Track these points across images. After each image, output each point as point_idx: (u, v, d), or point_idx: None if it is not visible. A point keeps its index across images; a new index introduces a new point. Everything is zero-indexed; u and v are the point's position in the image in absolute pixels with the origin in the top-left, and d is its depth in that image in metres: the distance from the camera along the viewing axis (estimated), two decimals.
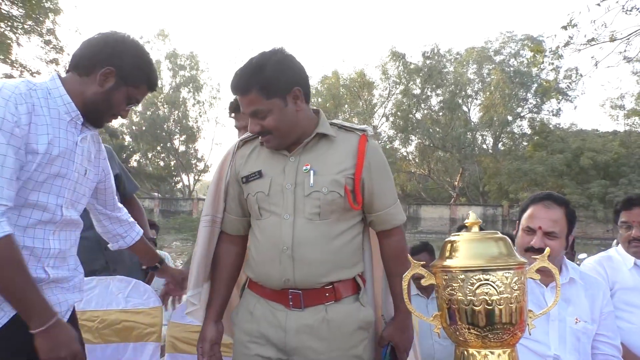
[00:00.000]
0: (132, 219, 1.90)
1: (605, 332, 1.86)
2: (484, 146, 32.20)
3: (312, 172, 1.57)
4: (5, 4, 15.11)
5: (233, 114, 2.49)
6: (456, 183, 30.77)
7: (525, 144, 30.50)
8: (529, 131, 30.66)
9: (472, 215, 1.16)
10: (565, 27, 7.99)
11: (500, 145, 31.79)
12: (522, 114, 30.89)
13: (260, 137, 1.61)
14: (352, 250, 1.63)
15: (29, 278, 1.34)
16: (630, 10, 7.35)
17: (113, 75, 1.52)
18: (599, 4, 7.36)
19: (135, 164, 33.76)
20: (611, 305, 1.93)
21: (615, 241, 5.41)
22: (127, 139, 34.42)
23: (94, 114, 1.54)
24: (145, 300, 2.18)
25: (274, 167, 1.62)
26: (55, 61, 17.36)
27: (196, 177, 36.35)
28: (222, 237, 1.77)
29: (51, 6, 15.89)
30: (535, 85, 29.32)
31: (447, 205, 27.10)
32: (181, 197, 35.43)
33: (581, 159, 24.09)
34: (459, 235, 1.14)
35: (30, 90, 1.41)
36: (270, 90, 1.50)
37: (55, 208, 1.47)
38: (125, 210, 1.88)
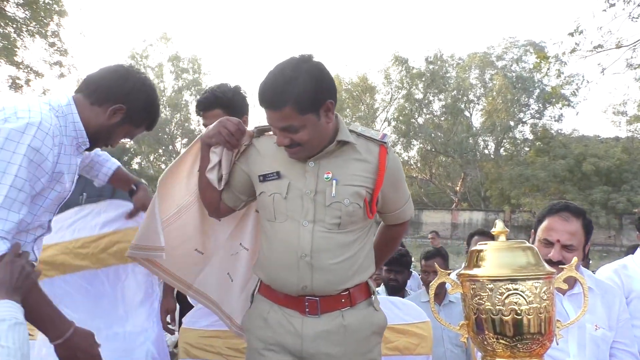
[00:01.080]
0: (101, 158, 2.01)
1: (622, 339, 1.86)
2: (486, 151, 32.16)
3: (334, 181, 1.54)
4: (10, 6, 15.17)
5: (202, 112, 2.31)
6: (458, 188, 30.73)
7: (527, 149, 30.43)
8: (531, 137, 30.61)
9: (499, 225, 1.16)
10: (572, 34, 8.01)
11: (502, 150, 31.74)
12: (524, 120, 30.86)
13: (287, 149, 1.56)
14: (365, 254, 1.64)
15: (42, 293, 1.39)
16: (637, 17, 7.36)
17: (122, 112, 1.60)
18: (605, 10, 7.38)
19: (136, 167, 33.78)
20: (627, 313, 1.93)
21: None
22: (129, 141, 34.45)
23: (92, 142, 1.62)
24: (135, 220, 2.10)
25: (292, 170, 1.60)
26: (59, 63, 17.36)
27: None
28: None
29: (56, 8, 15.91)
30: (538, 90, 29.32)
31: (449, 210, 27.03)
32: None
33: (583, 165, 24.02)
34: (486, 244, 1.14)
35: (58, 119, 1.48)
36: (305, 106, 1.45)
37: (47, 224, 1.59)
38: (93, 152, 1.95)
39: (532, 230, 1.96)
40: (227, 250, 1.89)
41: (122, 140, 1.74)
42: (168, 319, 2.52)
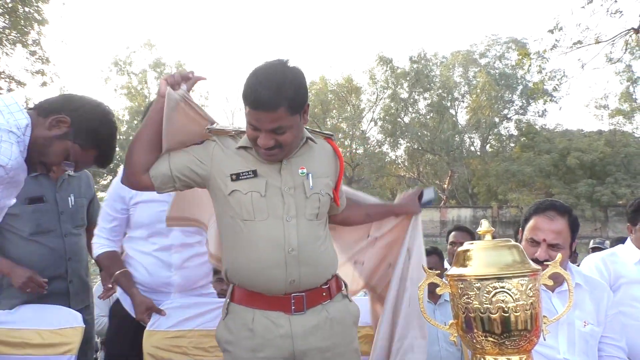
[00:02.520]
0: None
1: (610, 334, 1.89)
2: (472, 148, 32.44)
3: (309, 175, 1.62)
4: None
5: None
6: (445, 186, 30.94)
7: (512, 145, 30.78)
8: (515, 132, 30.96)
9: (484, 224, 1.18)
10: (551, 31, 8.12)
11: (488, 147, 32.05)
12: (508, 116, 31.21)
13: (261, 149, 1.55)
14: (332, 246, 1.74)
15: None
16: (615, 13, 7.49)
17: (65, 125, 1.49)
18: (583, 7, 7.50)
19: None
20: (615, 308, 1.96)
21: (608, 242, 5.47)
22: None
23: (29, 156, 1.48)
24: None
25: (266, 168, 1.61)
26: (41, 72, 17.16)
27: None
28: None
29: (37, 16, 15.72)
30: (521, 87, 29.66)
31: (437, 207, 27.20)
32: None
33: (568, 159, 24.36)
34: (472, 243, 1.16)
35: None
36: (295, 107, 1.50)
37: None
38: None
39: (519, 229, 1.99)
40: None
41: (66, 167, 1.57)
42: None
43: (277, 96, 1.46)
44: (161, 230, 2.20)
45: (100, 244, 2.29)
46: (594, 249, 5.36)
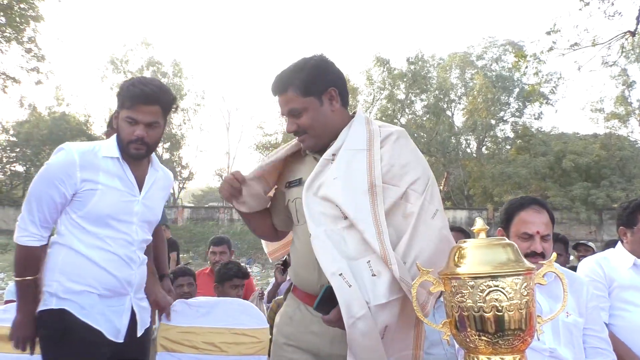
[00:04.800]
0: None
1: (592, 325, 1.93)
2: (468, 150, 32.47)
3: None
4: None
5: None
6: (441, 187, 30.97)
7: (508, 147, 30.83)
8: (511, 135, 31.02)
9: (479, 222, 1.17)
10: (549, 33, 8.13)
11: (484, 149, 32.09)
12: (504, 118, 31.25)
13: (297, 138, 1.66)
14: None
15: None
16: (612, 16, 7.51)
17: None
18: (580, 9, 7.51)
19: None
20: (595, 301, 2.00)
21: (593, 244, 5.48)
22: None
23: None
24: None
25: (308, 173, 1.66)
26: (36, 69, 17.08)
27: (181, 185, 36.05)
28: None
29: (32, 13, 15.64)
30: (517, 89, 29.72)
31: None
32: (166, 204, 34.96)
33: (563, 162, 24.41)
34: (465, 242, 1.14)
35: None
36: (307, 89, 1.56)
37: None
38: None
39: (499, 229, 1.98)
40: None
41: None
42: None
43: (286, 80, 1.57)
44: (122, 221, 1.94)
45: (30, 234, 1.88)
46: (576, 246, 5.36)
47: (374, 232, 1.44)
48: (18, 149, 28.26)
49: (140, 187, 2.03)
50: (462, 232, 3.61)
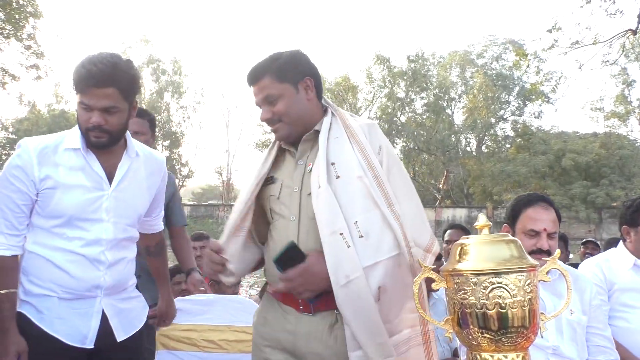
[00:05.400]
0: None
1: (595, 324, 1.92)
2: (468, 148, 32.50)
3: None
4: None
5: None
6: (441, 185, 30.98)
7: (508, 146, 30.85)
8: (511, 133, 31.04)
9: (481, 218, 1.15)
10: (550, 31, 8.12)
11: (483, 147, 32.11)
12: (504, 117, 31.27)
13: (270, 127, 1.65)
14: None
15: None
16: (614, 14, 7.49)
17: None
18: (582, 7, 7.50)
19: None
20: (598, 299, 1.99)
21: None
22: None
23: None
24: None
25: (284, 172, 1.67)
26: (35, 66, 17.04)
27: (180, 183, 36.08)
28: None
29: (31, 10, 15.59)
30: (517, 88, 29.73)
31: (433, 207, 27.22)
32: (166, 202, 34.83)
33: (563, 161, 24.43)
34: (468, 238, 1.13)
35: None
36: (283, 75, 1.57)
37: None
38: None
39: (505, 225, 1.97)
40: None
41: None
42: None
43: (262, 68, 1.59)
44: (89, 220, 1.76)
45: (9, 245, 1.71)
46: (585, 243, 5.34)
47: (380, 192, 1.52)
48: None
49: (111, 180, 1.79)
50: (463, 230, 3.61)
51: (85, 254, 1.74)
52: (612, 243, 3.98)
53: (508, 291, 1.02)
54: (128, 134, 1.86)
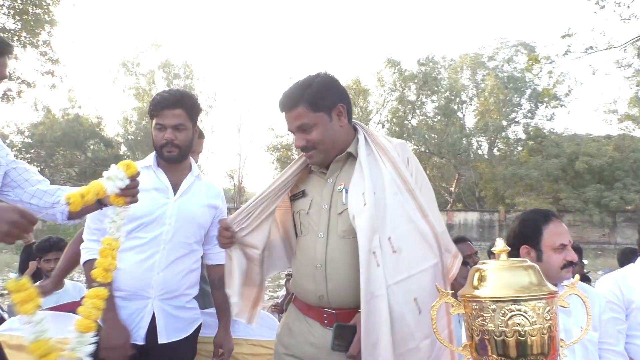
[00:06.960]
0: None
1: (607, 339, 1.90)
2: (480, 151, 32.24)
3: (345, 191, 1.63)
4: (0, 17, 15.06)
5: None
6: (452, 189, 30.79)
7: (520, 149, 30.56)
8: (523, 136, 30.74)
9: (499, 242, 1.15)
10: (564, 37, 8.07)
11: (495, 150, 31.84)
12: (516, 119, 31.00)
13: (304, 154, 1.69)
14: None
15: None
16: (628, 19, 7.43)
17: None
18: (596, 12, 7.44)
19: None
20: (609, 313, 1.96)
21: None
22: (123, 148, 34.33)
23: None
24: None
25: (315, 188, 1.72)
26: (51, 73, 17.25)
27: None
28: None
29: (47, 18, 15.81)
30: (529, 90, 29.47)
31: (444, 211, 27.06)
32: None
33: (576, 164, 24.12)
34: (486, 263, 1.13)
35: None
36: (317, 104, 1.59)
37: None
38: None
39: (524, 247, 1.88)
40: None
41: None
42: None
43: (295, 96, 1.60)
44: (152, 223, 1.96)
45: (89, 249, 1.97)
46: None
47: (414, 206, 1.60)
48: (33, 150, 28.67)
49: (176, 191, 2.05)
50: (465, 243, 3.44)
51: (142, 254, 1.95)
52: (627, 254, 3.90)
53: (527, 318, 1.03)
54: (192, 160, 2.16)
